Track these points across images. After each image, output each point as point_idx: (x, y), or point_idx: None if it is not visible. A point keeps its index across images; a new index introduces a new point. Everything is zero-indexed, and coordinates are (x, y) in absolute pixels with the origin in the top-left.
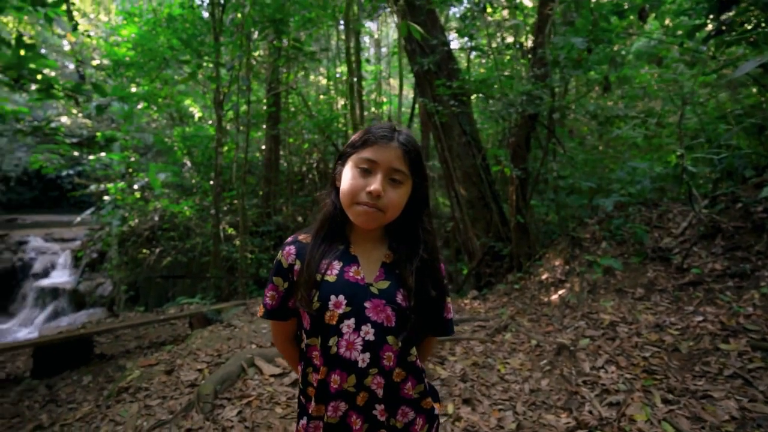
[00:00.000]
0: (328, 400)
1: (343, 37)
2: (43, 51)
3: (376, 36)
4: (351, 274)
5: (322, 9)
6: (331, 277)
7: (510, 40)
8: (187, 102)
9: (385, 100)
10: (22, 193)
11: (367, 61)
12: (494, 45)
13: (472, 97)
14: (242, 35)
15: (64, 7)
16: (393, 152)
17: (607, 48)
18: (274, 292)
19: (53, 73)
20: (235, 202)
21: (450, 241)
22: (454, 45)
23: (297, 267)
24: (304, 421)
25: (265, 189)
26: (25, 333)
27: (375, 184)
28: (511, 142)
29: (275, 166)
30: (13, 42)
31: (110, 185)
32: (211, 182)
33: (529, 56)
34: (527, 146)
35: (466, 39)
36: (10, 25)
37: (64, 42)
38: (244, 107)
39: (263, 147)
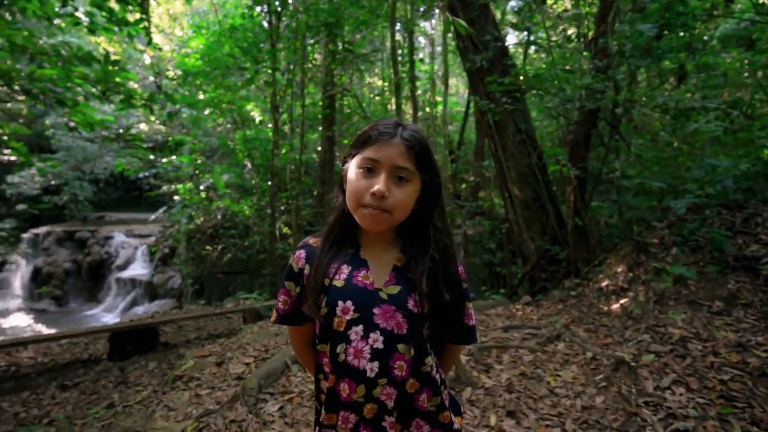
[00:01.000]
0: (337, 410)
1: (397, 37)
2: (129, 66)
3: (429, 34)
4: (360, 279)
5: (375, 11)
6: (339, 281)
7: (571, 32)
8: (249, 107)
9: (439, 99)
10: (110, 193)
11: (421, 60)
12: (554, 38)
13: (528, 93)
14: (297, 40)
15: (144, 24)
16: (396, 149)
17: (683, 33)
18: (286, 296)
19: (136, 85)
20: (291, 201)
21: (504, 244)
22: (512, 40)
23: (306, 271)
24: (317, 429)
25: (319, 189)
26: (108, 318)
27: (378, 184)
28: (569, 140)
29: (329, 166)
30: (102, 59)
31: (180, 186)
32: (269, 183)
33: (591, 48)
34: (587, 144)
35: (524, 33)
36: (101, 44)
37: (145, 56)
38: (299, 110)
39: (319, 148)
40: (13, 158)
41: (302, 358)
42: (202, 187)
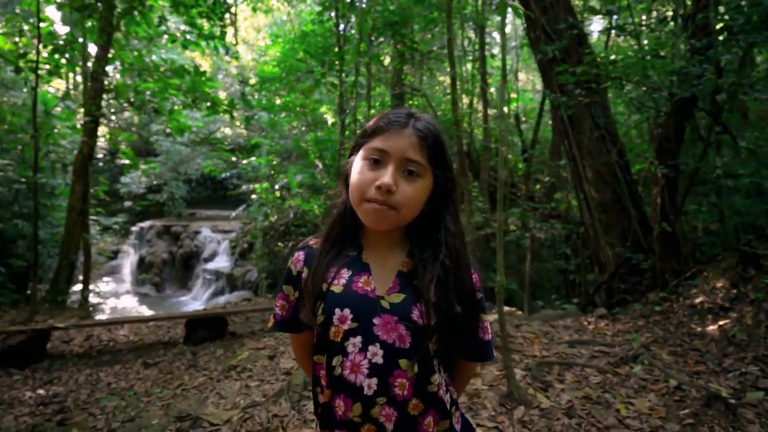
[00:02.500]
0: (333, 427)
1: (469, 34)
2: (219, 76)
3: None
4: (360, 285)
5: (444, 8)
6: (337, 287)
7: (666, 12)
8: (322, 109)
9: (514, 96)
10: (200, 192)
11: (493, 56)
12: (645, 22)
13: (609, 84)
14: (361, 42)
15: (231, 38)
16: (407, 140)
17: None
18: (284, 301)
19: (223, 93)
20: None
21: (579, 249)
22: (595, 28)
23: (305, 275)
24: None
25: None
26: (195, 305)
27: (385, 176)
28: (656, 134)
29: None
30: (192, 70)
31: (257, 185)
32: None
33: (687, 27)
34: (679, 139)
35: (608, 18)
36: (194, 58)
37: (233, 67)
38: (368, 111)
39: None
40: (125, 161)
41: (304, 367)
42: (276, 187)
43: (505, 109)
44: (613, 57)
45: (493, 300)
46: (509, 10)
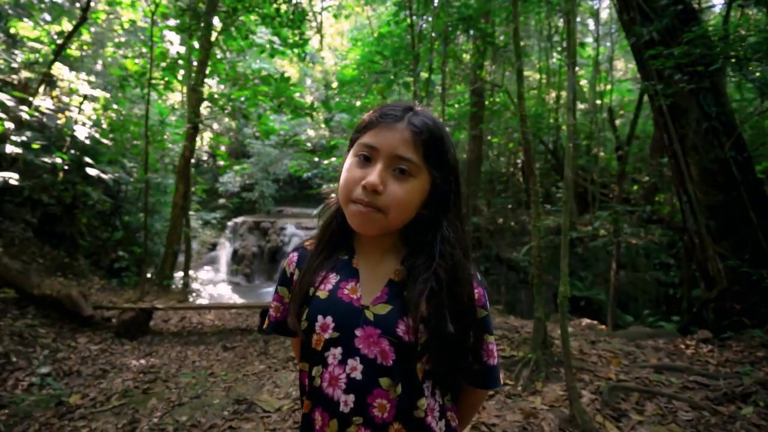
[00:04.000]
0: None
1: (559, 23)
2: (307, 81)
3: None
4: (345, 292)
5: None
6: (323, 292)
7: None
8: None
9: (608, 87)
10: (287, 190)
11: (582, 45)
12: None
13: (718, 64)
14: (435, 39)
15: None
16: (398, 135)
17: None
18: (278, 303)
19: (310, 97)
20: None
21: (683, 260)
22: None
23: (296, 277)
24: None
25: (466, 190)
26: None
27: (371, 175)
28: None
29: (477, 166)
30: (277, 77)
31: (335, 184)
32: None
33: None
34: None
35: None
36: (283, 66)
37: (318, 72)
38: (447, 109)
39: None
40: (222, 163)
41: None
42: None
43: (598, 101)
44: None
45: (565, 310)
46: None
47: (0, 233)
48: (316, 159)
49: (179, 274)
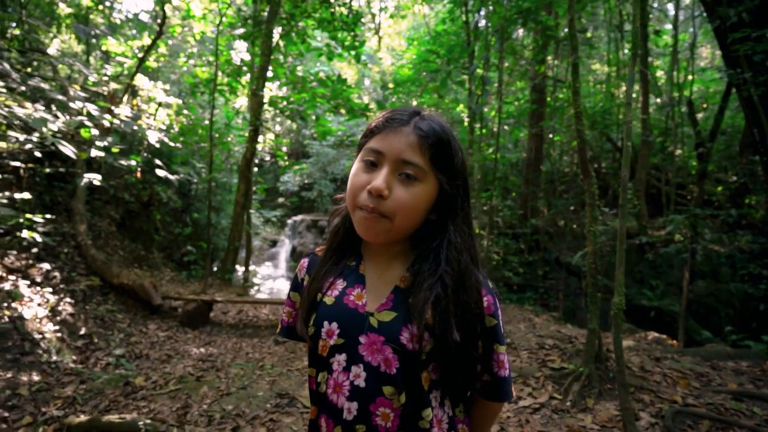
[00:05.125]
0: None
1: (630, 11)
2: (367, 82)
3: None
4: (351, 298)
5: None
6: (329, 298)
7: None
8: (459, 108)
9: (689, 78)
10: (344, 190)
11: (657, 33)
12: None
13: None
14: (489, 34)
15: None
16: (404, 139)
17: None
18: (290, 308)
19: (366, 98)
20: (488, 202)
21: None
22: None
23: (306, 283)
24: None
25: (524, 190)
26: None
27: (376, 180)
28: None
29: (536, 165)
30: (334, 79)
31: None
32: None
33: None
34: None
35: None
36: (341, 68)
37: (376, 73)
38: (507, 107)
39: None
40: (282, 163)
41: None
42: None
43: (675, 94)
44: None
45: (622, 321)
46: None
47: (90, 227)
48: None
49: (241, 269)
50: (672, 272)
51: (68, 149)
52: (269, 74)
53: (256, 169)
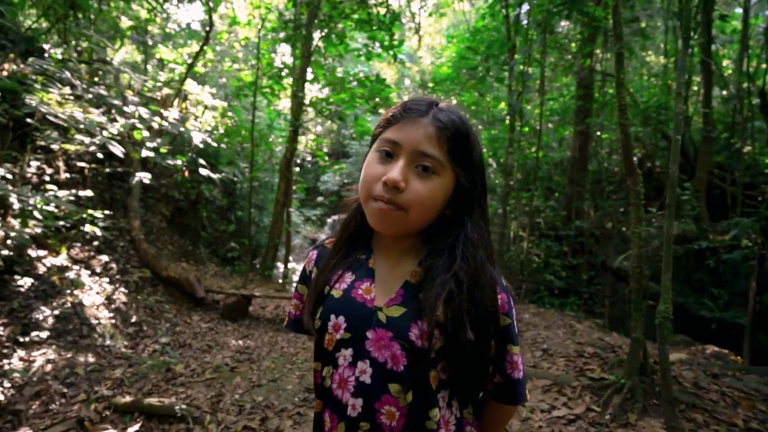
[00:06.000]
0: None
1: None
2: (407, 82)
3: None
4: (360, 292)
5: None
6: (337, 291)
7: None
8: (501, 106)
9: (762, 66)
10: None
11: (723, 18)
12: None
13: None
14: (536, 28)
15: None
16: (422, 131)
17: None
18: (298, 301)
19: (406, 98)
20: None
21: None
22: None
23: (314, 275)
24: None
25: (569, 190)
26: None
27: (393, 171)
28: None
29: (582, 165)
30: (373, 79)
31: None
32: (511, 182)
33: None
34: None
35: None
36: (381, 69)
37: (415, 72)
38: (550, 103)
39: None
40: (322, 163)
41: None
42: None
43: (745, 84)
44: None
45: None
46: None
47: (143, 223)
48: None
49: (281, 266)
50: (737, 281)
51: (117, 149)
52: (310, 76)
53: (297, 168)
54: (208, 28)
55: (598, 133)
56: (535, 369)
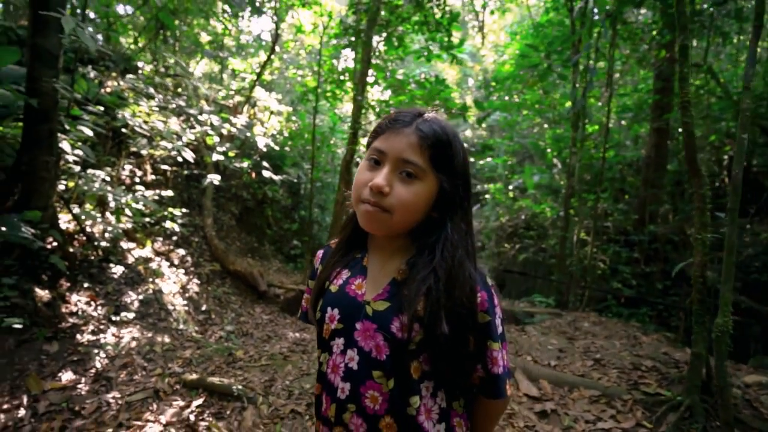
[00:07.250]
0: (319, 419)
1: None
2: (470, 81)
3: None
4: (353, 288)
5: None
6: (334, 287)
7: None
8: (568, 104)
9: None
10: None
11: None
12: None
13: None
14: (597, 20)
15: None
16: (405, 140)
17: None
18: (308, 294)
19: (469, 98)
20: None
21: None
22: None
23: (319, 272)
24: None
25: (642, 192)
26: None
27: (378, 177)
28: None
29: (658, 165)
30: (432, 80)
31: (491, 185)
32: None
33: None
34: None
35: None
36: (443, 69)
37: (478, 71)
38: (623, 99)
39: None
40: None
41: None
42: (510, 187)
43: None
44: None
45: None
46: None
47: (215, 220)
48: (472, 159)
49: None
50: None
51: (189, 155)
52: (371, 79)
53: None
54: (274, 38)
55: (680, 130)
56: (583, 378)
